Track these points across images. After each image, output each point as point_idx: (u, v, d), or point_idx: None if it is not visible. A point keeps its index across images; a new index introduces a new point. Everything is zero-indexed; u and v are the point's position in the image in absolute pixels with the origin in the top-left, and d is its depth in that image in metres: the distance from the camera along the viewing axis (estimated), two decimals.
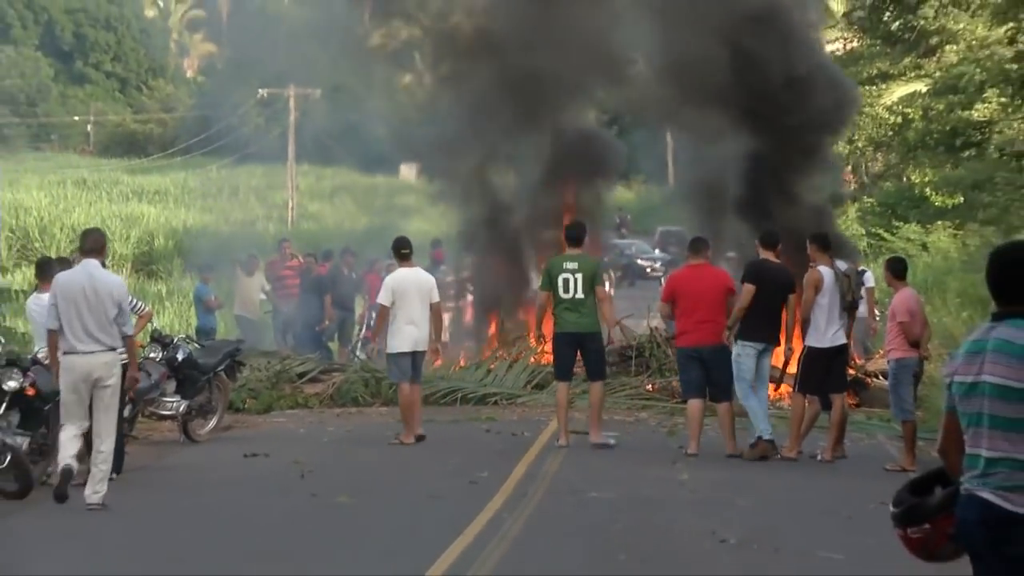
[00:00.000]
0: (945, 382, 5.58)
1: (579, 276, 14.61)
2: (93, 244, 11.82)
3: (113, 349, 11.47)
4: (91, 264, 11.64)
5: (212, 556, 9.88)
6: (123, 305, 11.52)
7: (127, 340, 11.64)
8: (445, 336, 19.46)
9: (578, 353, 15.09)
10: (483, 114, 22.31)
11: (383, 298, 15.48)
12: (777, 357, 15.09)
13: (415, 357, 15.43)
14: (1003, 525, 5.30)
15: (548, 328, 16.17)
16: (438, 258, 26.07)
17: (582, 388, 18.66)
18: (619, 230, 49.61)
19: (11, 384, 12.20)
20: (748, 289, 14.25)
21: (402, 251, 15.67)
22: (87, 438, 11.46)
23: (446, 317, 23.34)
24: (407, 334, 15.28)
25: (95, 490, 11.29)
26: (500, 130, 22.47)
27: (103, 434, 11.39)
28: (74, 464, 11.33)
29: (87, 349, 11.37)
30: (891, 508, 5.69)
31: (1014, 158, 18.95)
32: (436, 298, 15.56)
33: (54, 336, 11.52)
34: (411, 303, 15.26)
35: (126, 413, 12.55)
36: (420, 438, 15.30)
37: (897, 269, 14.37)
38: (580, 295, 14.63)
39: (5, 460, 11.59)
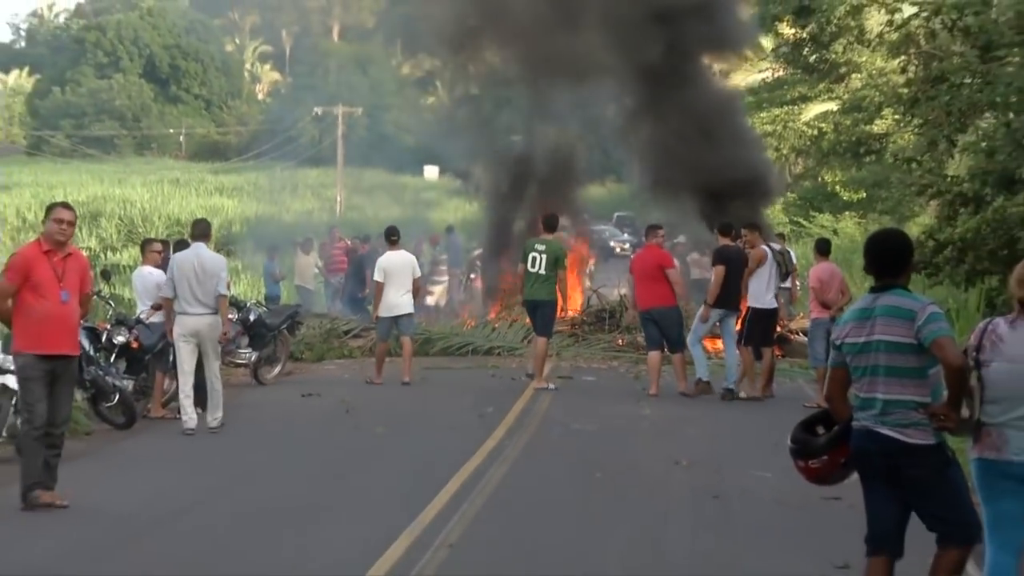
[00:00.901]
0: (835, 344, 5.53)
1: (544, 256, 14.48)
2: (201, 231, 12.01)
3: (214, 312, 11.59)
4: (199, 246, 11.81)
5: (276, 473, 9.86)
6: (221, 275, 11.65)
7: (219, 299, 11.65)
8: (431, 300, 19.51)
9: None
10: (487, 127, 22.15)
11: (377, 276, 15.24)
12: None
13: (399, 320, 15.24)
14: (900, 454, 5.28)
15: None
16: (433, 243, 26.08)
17: (565, 343, 18.69)
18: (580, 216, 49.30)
19: (120, 339, 12.24)
20: (719, 271, 14.11)
21: (391, 237, 15.53)
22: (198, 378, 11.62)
23: (439, 288, 23.68)
24: (392, 303, 15.11)
25: (214, 416, 11.60)
26: (502, 141, 22.30)
27: (212, 377, 11.61)
28: (192, 395, 11.49)
29: (195, 312, 11.55)
30: (789, 444, 5.64)
31: (905, 162, 18.90)
32: (418, 274, 15.42)
33: (169, 302, 11.68)
34: (397, 279, 15.06)
35: None
36: (405, 383, 15.00)
37: (821, 248, 14.24)
38: (542, 271, 14.48)
39: (115, 399, 11.58)
